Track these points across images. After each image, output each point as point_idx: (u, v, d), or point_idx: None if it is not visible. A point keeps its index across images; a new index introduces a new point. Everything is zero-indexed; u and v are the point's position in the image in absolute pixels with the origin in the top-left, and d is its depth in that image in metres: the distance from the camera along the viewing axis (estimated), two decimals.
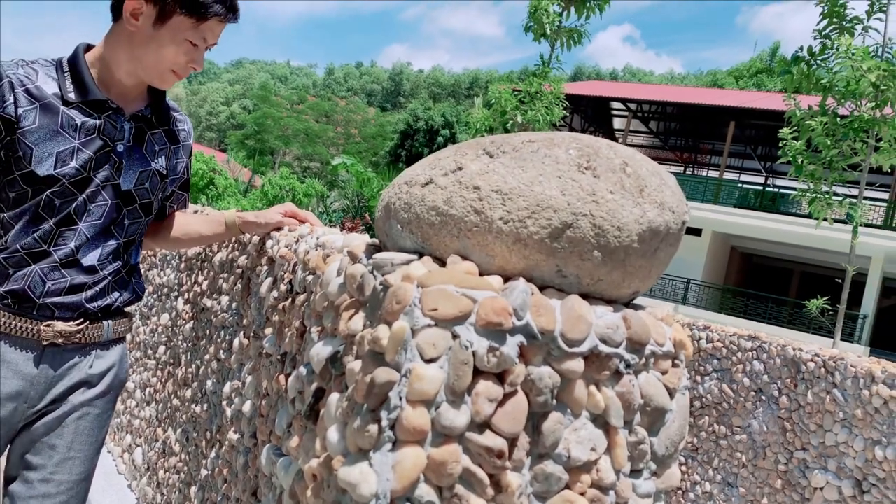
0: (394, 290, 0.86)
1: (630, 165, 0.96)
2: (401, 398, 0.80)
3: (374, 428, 0.81)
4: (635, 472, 0.96)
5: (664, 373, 0.98)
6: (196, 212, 2.13)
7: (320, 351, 1.10)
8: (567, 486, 0.90)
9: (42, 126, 1.44)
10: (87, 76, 1.49)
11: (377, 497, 0.79)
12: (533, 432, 0.87)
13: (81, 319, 1.55)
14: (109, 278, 1.59)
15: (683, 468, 4.14)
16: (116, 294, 1.62)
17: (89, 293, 1.55)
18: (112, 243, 1.58)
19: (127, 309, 1.69)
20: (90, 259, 1.54)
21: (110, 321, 1.63)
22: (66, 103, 1.47)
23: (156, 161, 1.64)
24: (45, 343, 1.51)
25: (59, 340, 1.52)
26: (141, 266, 4.51)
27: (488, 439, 0.83)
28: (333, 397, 0.97)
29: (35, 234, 1.47)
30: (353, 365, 0.91)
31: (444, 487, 0.82)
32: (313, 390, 1.11)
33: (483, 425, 0.83)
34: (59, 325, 1.51)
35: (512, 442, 0.85)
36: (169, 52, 1.48)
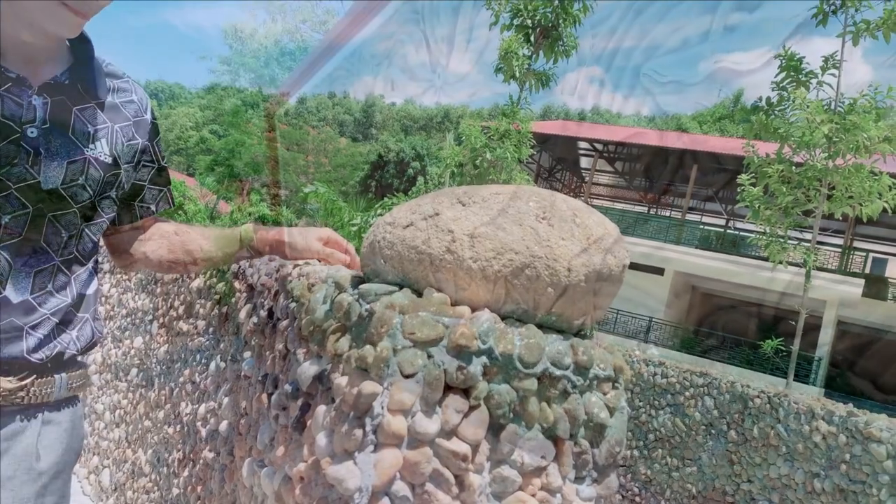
0: (379, 316, 1.01)
1: (579, 217, 1.14)
2: (383, 407, 0.95)
3: (359, 432, 0.96)
4: (579, 479, 1.11)
5: (605, 393, 1.14)
6: None
7: (307, 369, 1.24)
8: (520, 489, 1.05)
9: None
10: None
11: (360, 490, 0.93)
12: (493, 440, 1.03)
13: (26, 373, 1.15)
14: (53, 318, 1.18)
15: (638, 499, 4.29)
16: (67, 338, 1.21)
17: (31, 341, 1.14)
18: (45, 266, 1.16)
19: (81, 358, 1.28)
20: (20, 293, 1.13)
21: (63, 374, 1.22)
22: None
23: (91, 146, 1.19)
24: None
25: None
26: (113, 293, 4.50)
27: (455, 445, 0.98)
28: (321, 409, 1.11)
29: None
30: (340, 381, 1.06)
31: (417, 485, 0.97)
32: (300, 404, 1.25)
33: (451, 433, 0.98)
34: None
35: (474, 448, 1.00)
36: None
